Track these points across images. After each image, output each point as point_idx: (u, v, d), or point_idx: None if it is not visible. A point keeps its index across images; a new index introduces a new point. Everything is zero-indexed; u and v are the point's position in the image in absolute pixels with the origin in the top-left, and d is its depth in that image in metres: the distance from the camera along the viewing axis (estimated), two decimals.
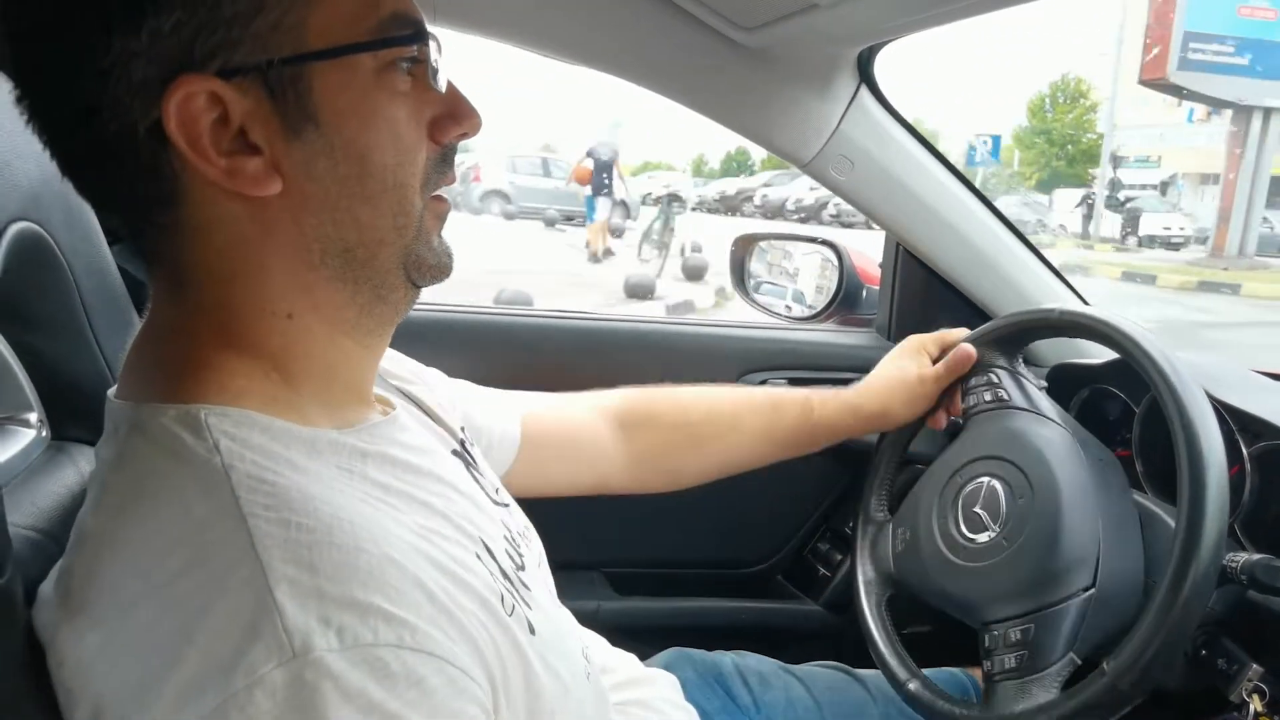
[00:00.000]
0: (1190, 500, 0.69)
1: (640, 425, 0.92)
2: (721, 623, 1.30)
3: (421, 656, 0.41)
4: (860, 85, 1.06)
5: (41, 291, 0.66)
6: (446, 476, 0.56)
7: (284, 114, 0.46)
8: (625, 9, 0.94)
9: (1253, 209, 14.30)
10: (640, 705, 0.76)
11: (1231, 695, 0.74)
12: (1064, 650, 0.75)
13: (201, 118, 0.44)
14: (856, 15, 0.90)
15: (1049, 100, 27.82)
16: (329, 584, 0.41)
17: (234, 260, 0.48)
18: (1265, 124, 14.42)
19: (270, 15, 0.45)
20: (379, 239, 0.50)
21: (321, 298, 0.50)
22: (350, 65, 0.47)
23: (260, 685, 0.38)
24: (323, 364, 0.51)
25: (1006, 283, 1.19)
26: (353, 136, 0.48)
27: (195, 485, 0.44)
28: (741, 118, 1.05)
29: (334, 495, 0.46)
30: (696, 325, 1.33)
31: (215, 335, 0.49)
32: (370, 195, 0.49)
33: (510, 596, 0.51)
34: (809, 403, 0.95)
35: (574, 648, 0.60)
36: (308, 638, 0.39)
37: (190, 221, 0.47)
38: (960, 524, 0.85)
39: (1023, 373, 0.92)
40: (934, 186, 1.13)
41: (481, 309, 1.29)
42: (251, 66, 0.45)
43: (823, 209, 18.54)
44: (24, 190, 0.59)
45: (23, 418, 0.73)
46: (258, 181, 0.46)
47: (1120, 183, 23.02)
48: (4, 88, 0.60)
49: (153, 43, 0.43)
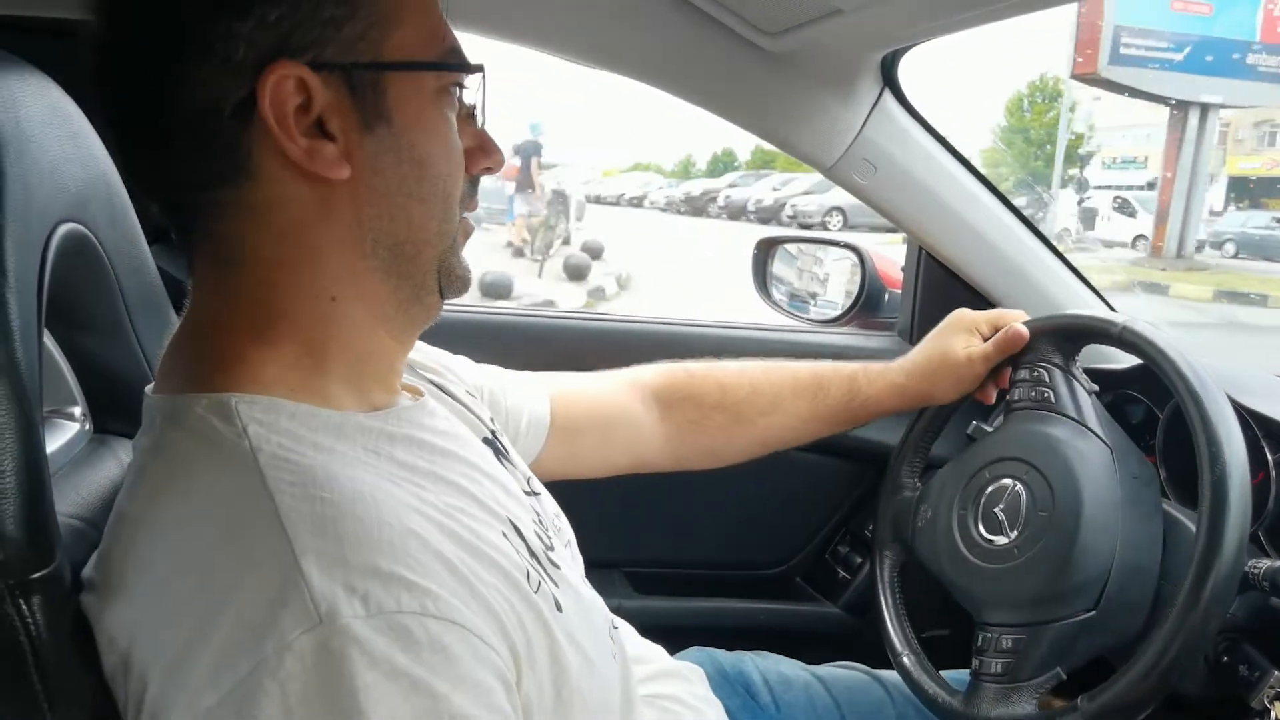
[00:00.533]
0: (1211, 506, 0.69)
1: (679, 403, 0.91)
2: (740, 623, 1.30)
3: (444, 624, 0.43)
4: (884, 89, 1.07)
5: (87, 291, 0.68)
6: (475, 460, 0.58)
7: (361, 109, 0.51)
8: (650, 15, 0.96)
9: (1191, 207, 13.86)
10: (671, 699, 0.77)
11: (1252, 702, 0.74)
12: (1051, 665, 0.76)
13: (289, 100, 0.48)
14: (880, 20, 0.90)
15: (1027, 101, 27.33)
16: (353, 554, 0.43)
17: (289, 241, 0.51)
18: (1202, 121, 14.01)
19: (359, 25, 0.50)
20: (425, 239, 0.55)
21: (366, 287, 0.53)
22: (418, 81, 0.53)
23: (289, 651, 0.40)
24: (356, 350, 0.54)
25: (1031, 287, 1.19)
26: (416, 141, 0.53)
27: (224, 466, 0.47)
28: (764, 122, 1.06)
29: (358, 472, 0.48)
30: (719, 327, 1.33)
31: (251, 324, 0.52)
32: (424, 197, 0.54)
33: (536, 574, 0.53)
34: (855, 382, 0.94)
35: (601, 626, 0.61)
36: (334, 605, 0.41)
37: (255, 199, 0.50)
38: (979, 522, 0.85)
39: (1077, 374, 0.88)
40: (958, 191, 1.13)
41: (499, 309, 1.31)
42: (337, 64, 0.49)
43: (781, 209, 18.62)
44: (71, 193, 0.62)
45: (68, 411, 0.76)
46: (332, 164, 0.50)
47: (1086, 182, 22.72)
48: (49, 96, 0.63)
49: (257, 28, 0.47)
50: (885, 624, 0.87)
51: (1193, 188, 13.86)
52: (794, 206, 18.44)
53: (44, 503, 0.49)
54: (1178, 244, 13.69)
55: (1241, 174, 32.57)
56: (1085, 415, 0.85)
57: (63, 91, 0.65)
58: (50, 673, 0.46)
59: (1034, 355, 0.89)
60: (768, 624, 1.31)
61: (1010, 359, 0.92)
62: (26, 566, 0.46)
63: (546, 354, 1.25)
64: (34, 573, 0.46)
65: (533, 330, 1.27)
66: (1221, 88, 14.09)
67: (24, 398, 0.48)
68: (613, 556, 1.30)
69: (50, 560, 0.48)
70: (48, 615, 0.47)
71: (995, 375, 0.94)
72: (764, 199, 19.89)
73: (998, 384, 0.95)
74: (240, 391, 0.50)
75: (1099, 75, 13.80)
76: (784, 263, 1.58)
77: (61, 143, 0.61)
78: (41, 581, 0.47)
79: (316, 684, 0.40)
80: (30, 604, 0.46)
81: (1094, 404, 0.87)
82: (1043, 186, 21.55)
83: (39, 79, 0.61)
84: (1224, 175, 34.35)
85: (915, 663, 0.83)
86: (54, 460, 0.68)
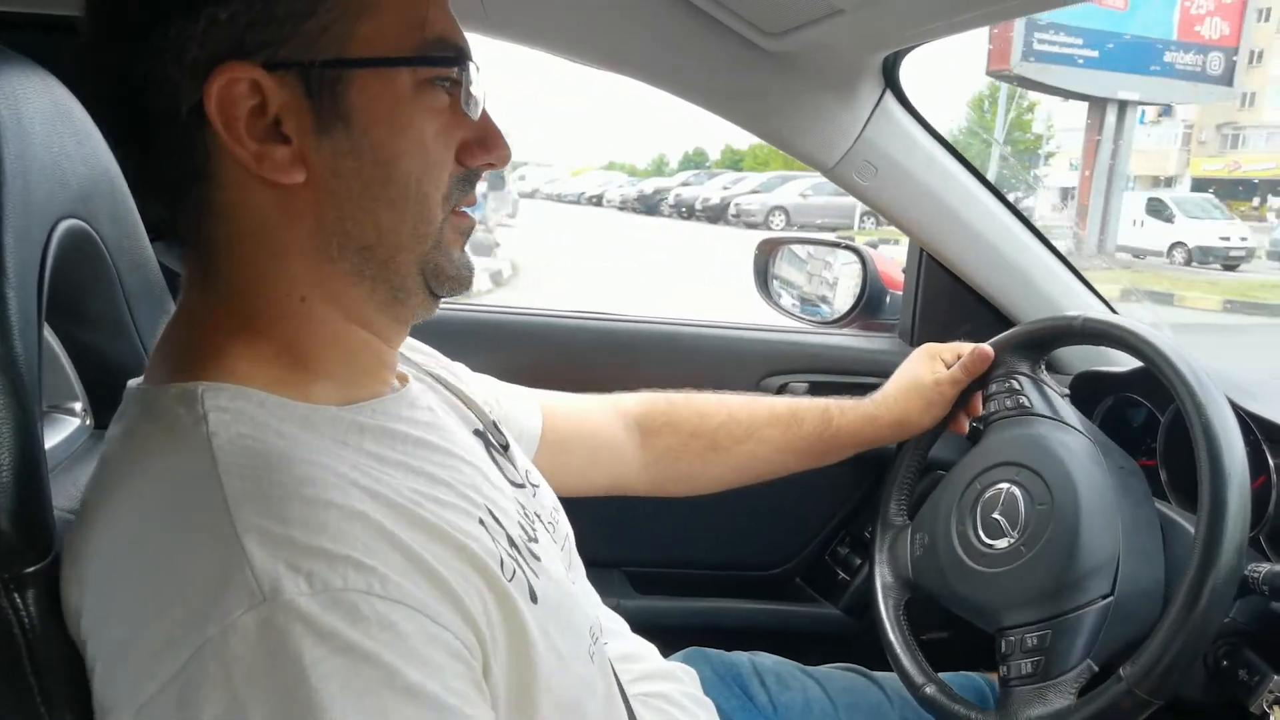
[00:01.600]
0: (1211, 507, 0.69)
1: (658, 429, 0.94)
2: (739, 624, 1.30)
3: (391, 604, 0.42)
4: (885, 91, 1.07)
5: (88, 286, 0.69)
6: (455, 449, 0.57)
7: (318, 110, 0.49)
8: (652, 16, 0.96)
9: (1110, 205, 13.67)
10: (663, 698, 0.77)
11: (1252, 707, 0.73)
12: (1080, 657, 0.74)
13: (240, 103, 0.47)
14: (881, 21, 0.90)
15: (988, 100, 27.15)
16: (299, 534, 0.42)
17: (256, 243, 0.51)
18: (1120, 117, 13.85)
19: (321, 19, 0.48)
20: (398, 243, 0.53)
21: (337, 289, 0.53)
22: (388, 76, 0.50)
23: (233, 630, 0.40)
24: (335, 347, 0.54)
25: (1032, 289, 1.19)
26: (381, 142, 0.50)
27: (178, 450, 0.47)
28: (765, 123, 1.07)
29: (316, 457, 0.47)
30: (720, 328, 1.33)
31: (232, 319, 0.52)
32: (393, 200, 0.52)
33: (512, 562, 0.52)
34: (828, 413, 0.96)
35: (580, 625, 0.60)
36: (276, 582, 0.40)
37: (219, 201, 0.50)
38: (979, 530, 0.85)
39: (1045, 379, 0.92)
40: (959, 192, 1.13)
41: (505, 309, 1.31)
42: (294, 63, 0.48)
43: (726, 208, 18.80)
44: (73, 189, 0.62)
45: (68, 407, 0.76)
46: (282, 168, 0.49)
47: (1037, 181, 22.70)
48: (52, 93, 0.63)
49: (208, 28, 0.46)
50: (900, 660, 0.86)
51: (1111, 185, 13.71)
52: (737, 205, 18.69)
53: (40, 497, 0.49)
54: (1098, 241, 13.45)
55: (1205, 175, 32.49)
56: (1062, 413, 0.88)
57: (65, 89, 0.65)
58: (45, 667, 0.47)
59: (1003, 370, 0.93)
60: (767, 625, 1.31)
61: (980, 382, 0.95)
62: (21, 560, 0.46)
63: (546, 351, 1.25)
64: (29, 567, 0.47)
65: (532, 329, 1.28)
66: (1138, 84, 14.01)
67: (22, 393, 0.48)
68: (613, 556, 1.30)
69: (46, 555, 0.48)
70: (42, 609, 0.47)
71: (966, 404, 0.97)
72: (711, 198, 20.07)
73: (969, 413, 0.98)
74: (213, 381, 0.49)
75: (1012, 72, 13.64)
76: (793, 265, 1.58)
77: (64, 139, 0.62)
78: (36, 576, 0.47)
79: (262, 662, 0.39)
80: (25, 598, 0.46)
81: (1067, 404, 0.89)
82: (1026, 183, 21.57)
83: (41, 76, 0.61)
84: (1187, 177, 34.31)
85: (939, 692, 0.83)
86: (54, 455, 0.69)
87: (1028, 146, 25.83)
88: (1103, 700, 0.70)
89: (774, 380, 1.29)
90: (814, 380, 1.29)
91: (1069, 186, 21.49)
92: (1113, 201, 13.77)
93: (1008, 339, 0.94)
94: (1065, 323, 0.90)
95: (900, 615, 0.91)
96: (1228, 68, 14.65)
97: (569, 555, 0.70)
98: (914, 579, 0.91)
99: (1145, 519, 0.80)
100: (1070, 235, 12.62)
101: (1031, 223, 1.19)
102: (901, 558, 0.93)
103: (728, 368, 1.28)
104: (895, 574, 0.93)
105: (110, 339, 0.73)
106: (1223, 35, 14.53)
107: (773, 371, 1.29)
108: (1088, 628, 0.75)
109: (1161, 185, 35.13)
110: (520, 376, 0.92)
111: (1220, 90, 15.44)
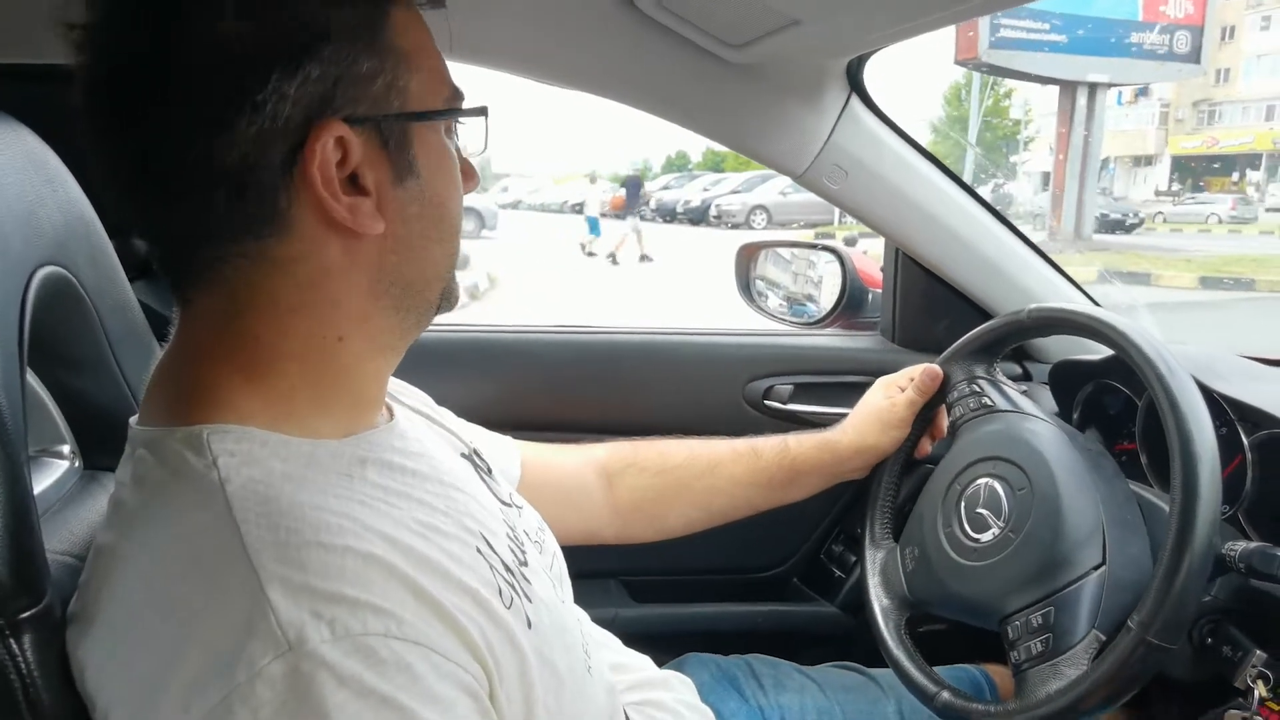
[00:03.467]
0: (1183, 490, 0.70)
1: (623, 471, 0.95)
2: (738, 627, 1.31)
3: (408, 645, 0.44)
4: (850, 95, 1.08)
5: (70, 331, 0.70)
6: (448, 478, 0.59)
7: (393, 162, 0.52)
8: (616, 33, 0.97)
9: (1085, 188, 13.76)
10: (656, 706, 0.78)
11: (1236, 681, 0.75)
12: (1087, 627, 0.75)
13: (331, 159, 0.49)
14: (839, 28, 0.92)
15: (964, 90, 27.26)
16: (319, 581, 0.44)
17: (310, 290, 0.52)
18: (1091, 100, 13.96)
19: (387, 76, 0.51)
20: (436, 275, 0.57)
21: (376, 325, 0.55)
22: (436, 127, 0.55)
23: (260, 677, 0.41)
24: (355, 379, 0.56)
25: (1007, 281, 1.20)
26: (438, 187, 0.55)
27: (193, 498, 0.48)
28: (734, 133, 1.08)
29: (327, 500, 0.49)
30: (701, 335, 1.34)
31: (243, 357, 0.52)
32: (442, 238, 0.56)
33: (509, 590, 0.54)
34: (785, 443, 0.98)
35: (574, 644, 0.62)
36: (301, 630, 0.42)
37: (283, 252, 0.50)
38: (965, 527, 0.86)
39: (1000, 379, 0.94)
40: (929, 190, 1.15)
41: (483, 328, 1.31)
42: (370, 118, 0.50)
43: (707, 210, 18.87)
44: (49, 236, 0.63)
45: (56, 450, 0.77)
46: (369, 221, 0.51)
47: (1014, 169, 23.04)
48: (24, 142, 0.64)
49: (302, 86, 0.48)
50: (909, 673, 0.87)
51: (1085, 168, 13.78)
52: (718, 206, 18.70)
53: (31, 541, 0.50)
54: (1074, 225, 13.52)
55: (1183, 153, 32.70)
56: (1023, 406, 0.90)
57: (37, 137, 0.66)
58: (42, 712, 0.47)
59: (963, 376, 0.95)
60: (765, 627, 1.32)
61: (939, 399, 0.97)
62: (15, 605, 0.47)
63: (527, 369, 1.25)
64: (23, 612, 0.47)
65: (511, 347, 1.27)
66: (1107, 67, 14.12)
67: (6, 440, 0.49)
68: (609, 566, 1.30)
69: (40, 599, 0.49)
70: (38, 654, 0.48)
71: (929, 427, 0.99)
72: (692, 200, 20.08)
73: (933, 435, 1.00)
74: (216, 423, 0.50)
75: (981, 60, 13.72)
76: (778, 267, 1.60)
77: (37, 187, 0.63)
78: (31, 621, 0.48)
79: (289, 706, 0.41)
80: (20, 643, 0.47)
81: (1026, 398, 0.92)
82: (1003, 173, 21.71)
83: (11, 126, 0.62)
84: (1167, 156, 34.56)
85: (955, 695, 0.83)
86: (45, 499, 0.69)
87: (1006, 133, 25.96)
88: (1116, 655, 0.70)
89: (759, 383, 1.30)
90: (798, 381, 1.30)
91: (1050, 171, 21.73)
92: (1088, 185, 13.86)
93: (959, 348, 0.96)
94: (1013, 319, 0.92)
95: (903, 634, 0.91)
96: (1195, 45, 14.80)
97: (558, 573, 0.71)
98: (911, 595, 0.91)
99: (1121, 492, 0.82)
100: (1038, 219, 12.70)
101: (1003, 215, 1.21)
102: (895, 577, 0.93)
103: (712, 373, 1.29)
104: (891, 595, 0.93)
105: (95, 381, 0.74)
106: (1188, 14, 14.69)
107: (756, 375, 1.30)
108: (1088, 598, 0.76)
109: (1142, 164, 35.42)
110: (504, 395, 0.93)
111: (1189, 68, 15.63)
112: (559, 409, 1.25)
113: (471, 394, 1.08)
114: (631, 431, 1.22)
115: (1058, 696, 0.73)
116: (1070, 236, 13.06)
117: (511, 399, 0.95)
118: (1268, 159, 31.76)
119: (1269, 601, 0.76)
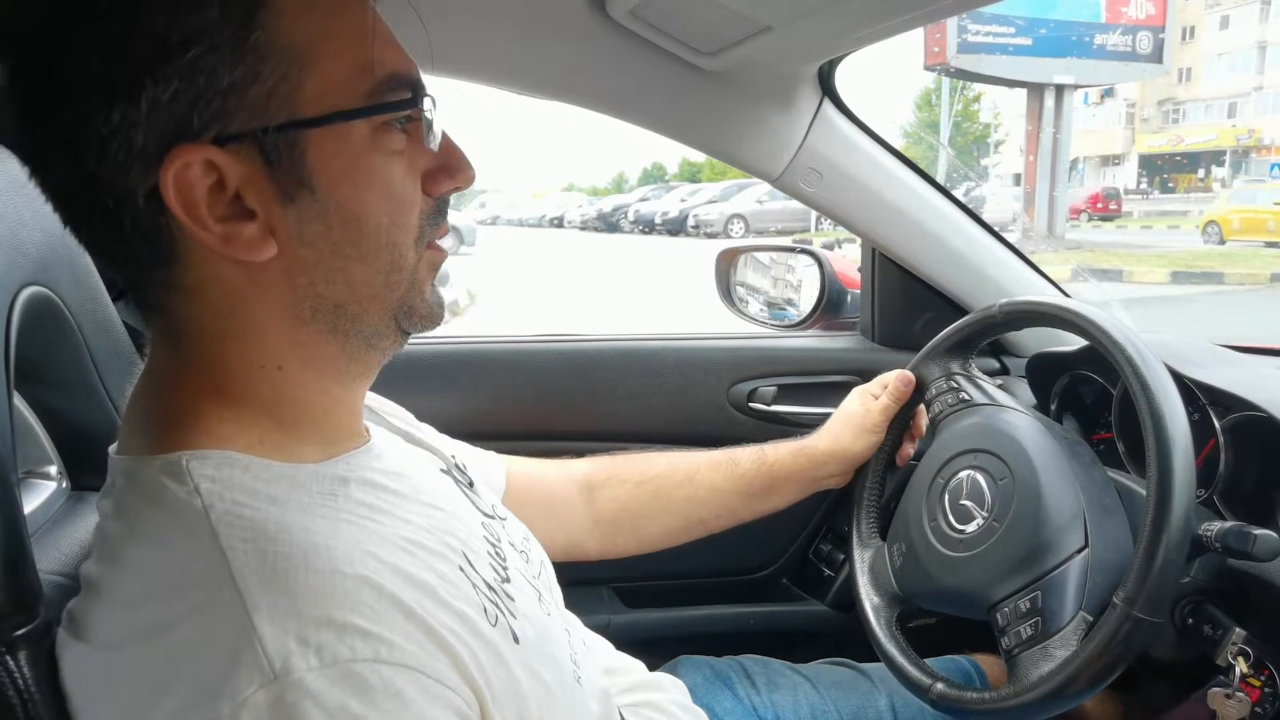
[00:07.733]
0: (1158, 474, 0.71)
1: (604, 483, 0.95)
2: (730, 629, 1.32)
3: (397, 669, 0.44)
4: (823, 99, 1.10)
5: (54, 351, 0.70)
6: (427, 497, 0.57)
7: (279, 180, 0.47)
8: (590, 44, 0.98)
9: (1056, 187, 13.99)
10: (650, 707, 0.79)
11: (1218, 659, 0.77)
12: (1074, 609, 0.76)
13: (198, 184, 0.45)
14: (809, 34, 0.94)
15: (934, 95, 27.64)
16: (306, 605, 0.43)
17: (228, 318, 0.50)
18: (1058, 101, 14.22)
19: (265, 84, 0.46)
20: (371, 294, 0.52)
21: (312, 351, 0.52)
22: (344, 130, 0.48)
23: (245, 708, 0.40)
24: (312, 408, 0.54)
25: (981, 277, 1.22)
26: (346, 200, 0.49)
27: (177, 527, 0.47)
28: (710, 140, 1.09)
29: (312, 523, 0.47)
30: (685, 339, 1.35)
31: (206, 385, 0.51)
32: (364, 255, 0.51)
33: (493, 608, 0.53)
34: (762, 450, 0.99)
35: (561, 655, 0.60)
36: (287, 659, 0.41)
37: (186, 281, 0.49)
38: (950, 519, 0.87)
39: (976, 374, 0.96)
40: (903, 191, 1.17)
41: (464, 339, 1.31)
42: (247, 134, 0.46)
43: (685, 220, 19.03)
44: (32, 257, 0.63)
45: (43, 471, 0.77)
46: (252, 246, 0.47)
47: (986, 171, 23.59)
48: (4, 165, 0.64)
49: (151, 112, 0.44)
50: (904, 667, 0.87)
51: (1055, 168, 14.03)
52: (696, 216, 18.84)
53: (24, 561, 0.50)
54: (1048, 223, 13.77)
55: (1150, 151, 33.26)
56: (1000, 399, 0.92)
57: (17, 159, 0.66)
58: None
59: (940, 374, 0.97)
60: (758, 627, 1.32)
61: (915, 401, 0.98)
62: (11, 624, 0.48)
63: (511, 379, 1.26)
64: (18, 630, 0.48)
65: (495, 357, 1.27)
66: (1072, 68, 14.42)
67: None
68: (600, 573, 1.30)
69: (34, 617, 0.49)
70: (34, 670, 0.48)
71: (906, 431, 1.00)
72: (670, 211, 20.20)
73: (912, 436, 1.01)
74: (194, 449, 0.49)
75: (949, 65, 14.01)
76: (758, 272, 1.61)
77: (19, 209, 0.63)
78: (25, 638, 0.48)
79: None
80: (16, 660, 0.47)
81: (1002, 391, 0.93)
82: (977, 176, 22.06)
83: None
84: (1134, 154, 35.15)
85: (949, 686, 0.84)
86: (34, 519, 0.69)
87: (977, 136, 26.27)
88: (1104, 631, 0.71)
89: (742, 386, 1.31)
90: (781, 382, 1.32)
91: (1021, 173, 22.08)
92: (1058, 184, 14.08)
93: (935, 346, 0.98)
94: (985, 314, 0.93)
95: (895, 631, 0.92)
96: (1156, 46, 15.15)
97: (546, 582, 0.70)
98: (901, 591, 0.92)
99: (1100, 478, 0.84)
100: (1018, 221, 12.91)
101: (977, 213, 1.23)
102: (883, 574, 0.94)
103: (695, 377, 1.30)
104: (881, 592, 0.94)
105: (80, 401, 0.74)
106: (1149, 15, 15.04)
107: (740, 378, 1.31)
108: (1073, 580, 0.77)
109: (1111, 164, 36.00)
110: (488, 405, 0.93)
111: (1152, 68, 15.99)
112: (546, 418, 1.26)
113: (457, 405, 1.08)
114: (618, 437, 1.23)
115: (1050, 678, 0.74)
116: (1044, 234, 13.25)
117: (497, 409, 0.95)
118: (1231, 155, 32.45)
119: (1246, 579, 0.78)
